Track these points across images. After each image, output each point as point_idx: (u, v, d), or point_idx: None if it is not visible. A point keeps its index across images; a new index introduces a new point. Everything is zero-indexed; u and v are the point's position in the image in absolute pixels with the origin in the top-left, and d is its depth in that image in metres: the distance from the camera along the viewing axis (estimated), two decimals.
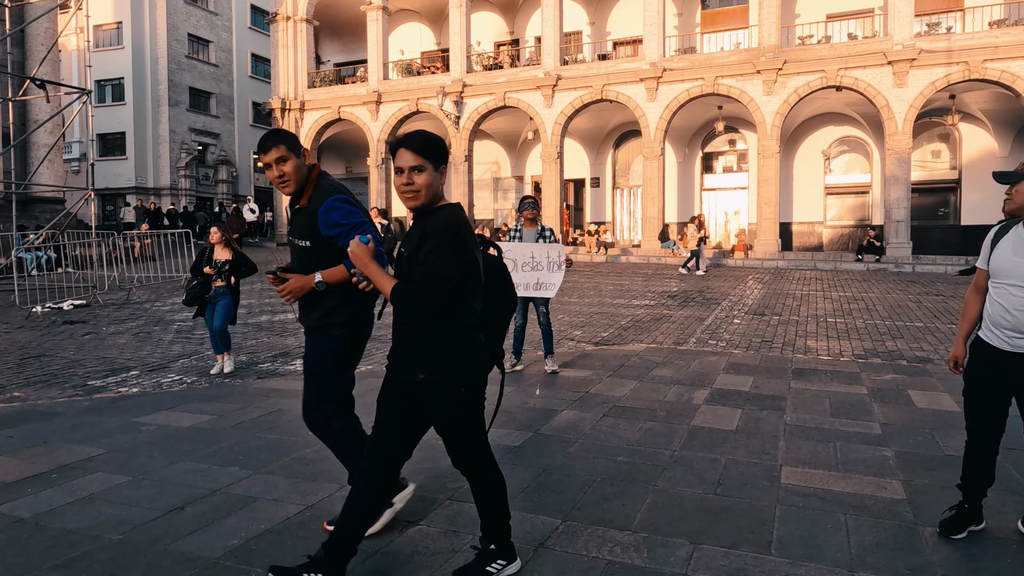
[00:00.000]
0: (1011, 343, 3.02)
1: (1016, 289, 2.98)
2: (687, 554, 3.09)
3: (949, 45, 19.01)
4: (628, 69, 22.32)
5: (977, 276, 3.28)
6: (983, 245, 3.21)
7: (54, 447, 4.69)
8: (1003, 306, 3.03)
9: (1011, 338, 3.02)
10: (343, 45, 31.28)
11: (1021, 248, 3.01)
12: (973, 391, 3.23)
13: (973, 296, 3.30)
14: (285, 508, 3.63)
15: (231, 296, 7.06)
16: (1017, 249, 3.02)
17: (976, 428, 3.23)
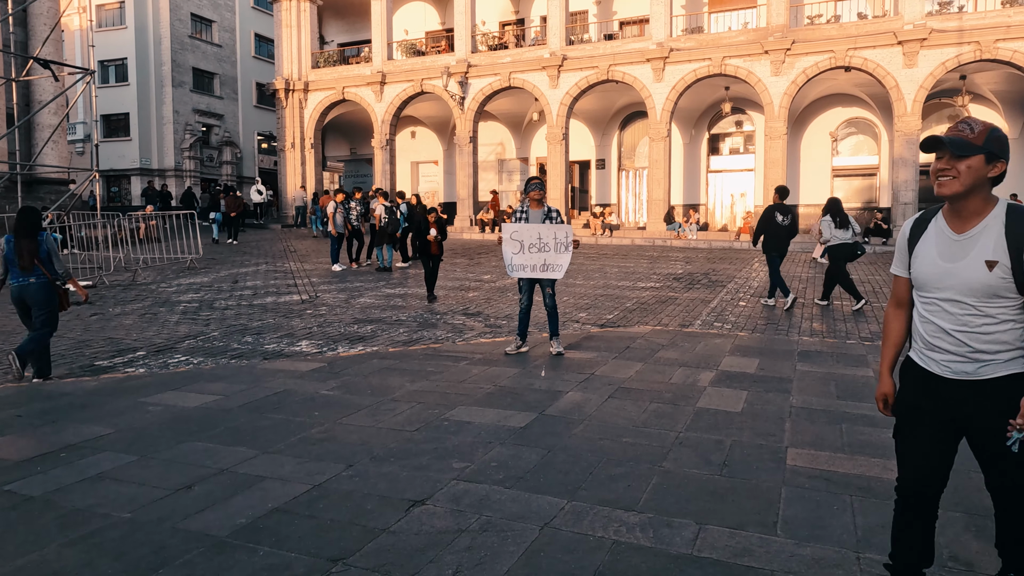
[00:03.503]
0: (953, 369, 2.31)
1: (953, 305, 2.27)
2: (693, 534, 3.10)
3: (960, 24, 18.74)
4: (634, 49, 22.09)
5: (896, 287, 2.52)
6: (897, 245, 2.49)
7: (62, 427, 4.72)
8: (939, 326, 2.32)
9: (953, 363, 2.31)
10: (347, 25, 31.02)
11: (949, 249, 2.28)
12: (906, 429, 2.45)
13: (894, 313, 2.54)
14: (292, 487, 3.65)
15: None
16: (944, 251, 2.29)
17: (910, 479, 2.45)
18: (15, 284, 6.05)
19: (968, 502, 3.42)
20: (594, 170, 27.20)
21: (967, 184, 2.22)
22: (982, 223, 2.24)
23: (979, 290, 2.21)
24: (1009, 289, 2.19)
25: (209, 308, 10.10)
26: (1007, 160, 2.25)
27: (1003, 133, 2.27)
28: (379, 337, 7.97)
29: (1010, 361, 2.25)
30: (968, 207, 2.26)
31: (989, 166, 2.23)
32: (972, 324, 2.26)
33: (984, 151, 2.21)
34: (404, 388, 5.61)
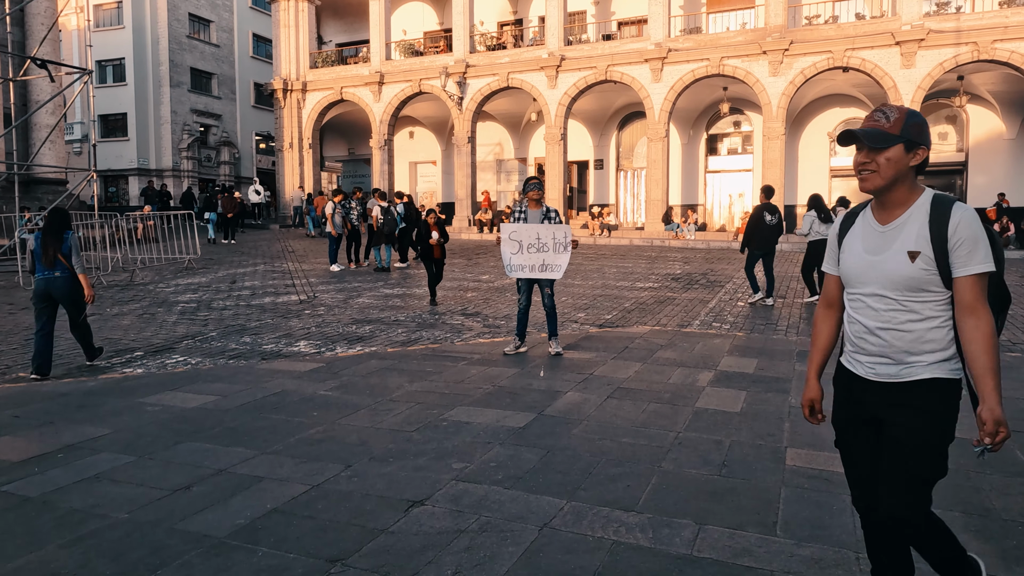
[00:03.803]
0: (878, 371, 2.17)
1: (877, 300, 2.14)
2: (692, 535, 3.09)
3: (958, 25, 18.77)
4: (633, 49, 22.10)
5: (827, 285, 2.38)
6: (828, 241, 2.36)
7: (60, 427, 4.70)
8: (864, 325, 2.17)
9: (878, 364, 2.16)
10: (345, 25, 31.01)
11: (874, 241, 2.16)
12: (845, 442, 2.32)
13: (824, 313, 2.39)
14: (291, 488, 3.64)
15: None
16: (869, 243, 2.17)
17: (859, 495, 2.31)
18: (40, 278, 6.41)
19: (967, 502, 3.42)
20: (592, 170, 27.20)
21: (888, 177, 2.11)
22: (906, 213, 2.12)
23: (901, 283, 2.09)
24: (933, 283, 2.07)
25: (207, 308, 10.08)
26: (928, 146, 2.13)
27: (921, 118, 2.13)
28: (377, 337, 7.96)
29: (934, 364, 2.11)
30: (892, 198, 2.15)
31: (909, 155, 2.10)
32: (896, 321, 2.12)
33: (902, 140, 2.08)
34: (403, 388, 5.60)
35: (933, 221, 2.07)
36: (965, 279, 2.04)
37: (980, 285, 2.04)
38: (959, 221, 2.04)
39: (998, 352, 2.02)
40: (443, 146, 29.45)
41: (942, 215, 2.06)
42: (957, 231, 2.04)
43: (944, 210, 2.07)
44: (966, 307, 2.04)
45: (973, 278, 2.03)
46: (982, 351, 2.01)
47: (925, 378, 2.11)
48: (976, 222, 2.04)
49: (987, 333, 2.02)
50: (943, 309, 2.09)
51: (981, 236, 2.04)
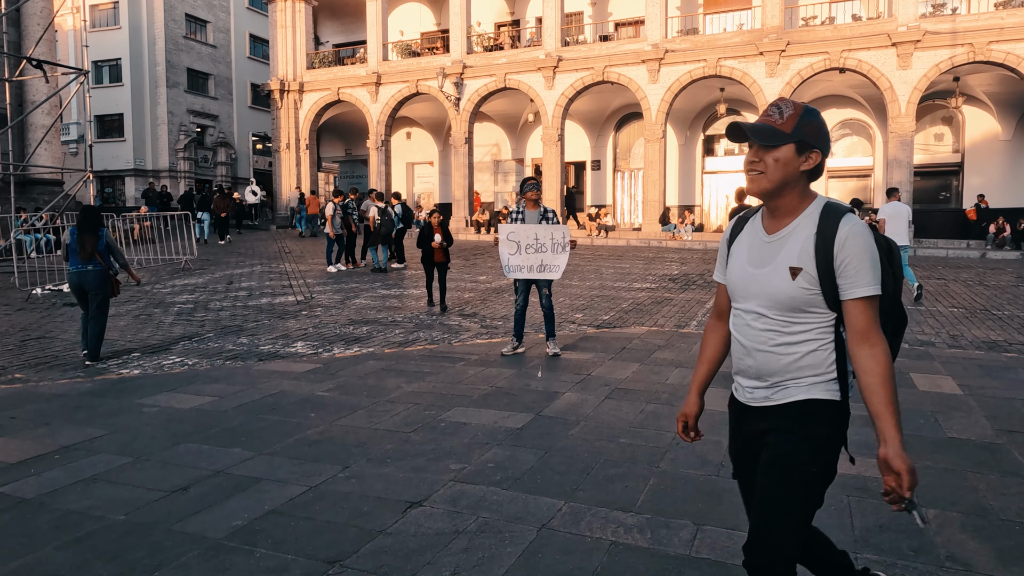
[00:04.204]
0: (755, 396, 1.96)
1: (755, 318, 1.90)
2: (691, 535, 3.09)
3: (954, 26, 18.83)
4: (630, 50, 22.12)
5: (717, 295, 2.17)
6: (720, 246, 2.13)
7: (56, 428, 4.69)
8: (742, 344, 1.95)
9: (756, 389, 1.95)
10: (342, 26, 30.98)
11: (759, 252, 1.91)
12: (739, 475, 2.11)
13: (712, 324, 2.17)
14: (289, 489, 3.63)
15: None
16: (754, 254, 1.92)
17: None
18: (74, 271, 6.84)
19: (965, 502, 3.42)
20: (589, 171, 27.22)
21: (775, 180, 1.84)
22: (793, 223, 1.87)
23: (782, 302, 1.84)
24: (815, 303, 1.82)
25: (204, 309, 10.06)
26: (824, 151, 1.87)
27: (819, 118, 1.88)
28: (375, 338, 7.95)
29: (813, 386, 1.88)
30: (781, 205, 1.89)
31: (801, 157, 1.84)
32: (771, 342, 1.87)
33: (793, 140, 1.83)
34: (400, 389, 5.59)
35: (820, 234, 1.81)
36: (855, 303, 1.79)
37: (873, 309, 1.79)
38: (847, 236, 1.78)
39: (894, 381, 1.79)
40: (440, 147, 29.44)
41: (829, 228, 1.80)
42: (844, 247, 1.78)
43: (832, 223, 1.80)
44: (858, 334, 1.79)
45: (864, 302, 1.78)
46: (879, 383, 1.77)
47: (798, 400, 1.89)
48: (866, 237, 1.79)
49: (884, 363, 1.78)
50: (825, 332, 1.85)
51: (872, 254, 1.79)
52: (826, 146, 1.88)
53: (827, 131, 1.90)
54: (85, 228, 6.84)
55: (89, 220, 6.92)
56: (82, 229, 6.84)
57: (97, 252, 6.81)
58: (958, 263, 16.48)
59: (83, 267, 6.80)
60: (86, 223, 6.88)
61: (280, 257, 17.51)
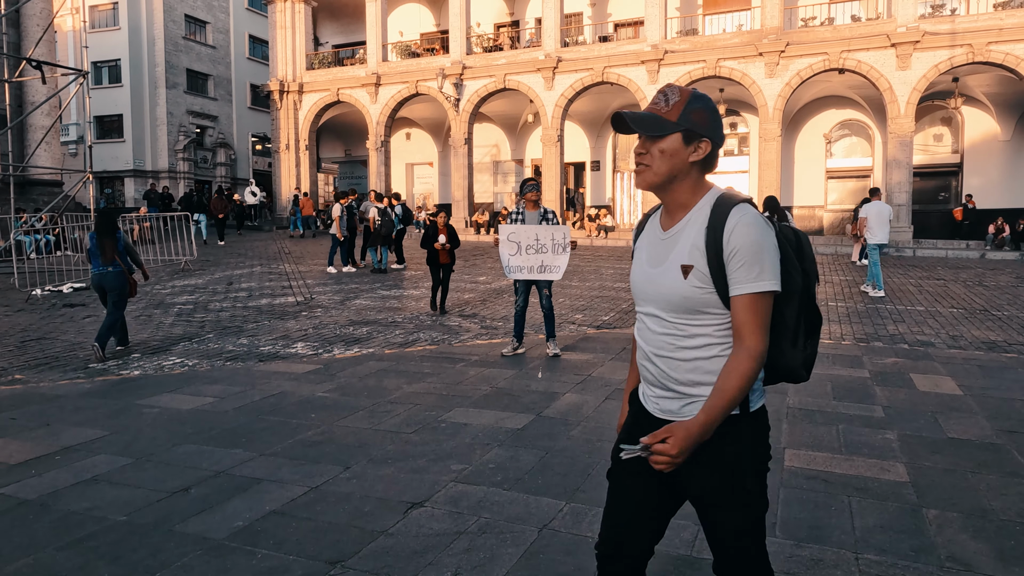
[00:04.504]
0: (661, 406, 1.81)
1: (653, 321, 1.78)
2: (691, 535, 3.10)
3: (953, 27, 18.85)
4: (629, 51, 22.14)
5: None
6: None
7: (57, 429, 4.69)
8: (643, 349, 1.83)
9: (660, 398, 1.80)
10: (342, 27, 31.00)
11: (655, 250, 1.79)
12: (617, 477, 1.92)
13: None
14: (290, 490, 3.63)
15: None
16: (651, 253, 1.80)
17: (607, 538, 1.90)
18: (96, 273, 7.15)
19: (965, 502, 3.43)
20: (589, 172, 27.23)
21: (663, 173, 1.72)
22: (685, 218, 1.74)
23: (677, 303, 1.71)
24: (710, 303, 1.68)
25: (204, 310, 10.06)
26: (714, 139, 1.73)
27: (708, 104, 1.74)
28: (375, 339, 7.95)
29: None
30: (673, 199, 1.77)
31: (689, 147, 1.71)
32: (671, 347, 1.74)
33: (680, 129, 1.70)
34: (401, 390, 5.59)
35: (710, 228, 1.68)
36: (736, 300, 1.65)
37: (753, 307, 1.63)
38: (734, 227, 1.64)
39: (745, 387, 1.62)
40: (440, 147, 29.45)
41: (719, 220, 1.67)
42: (731, 239, 1.64)
43: (722, 214, 1.67)
44: (735, 331, 1.66)
45: (746, 299, 1.63)
46: (726, 372, 1.64)
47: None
48: (757, 228, 1.64)
49: (743, 359, 1.62)
50: (725, 335, 1.71)
51: (761, 246, 1.63)
52: (716, 134, 1.74)
53: (718, 118, 1.76)
54: (104, 232, 7.12)
55: (107, 224, 7.20)
56: (101, 233, 7.12)
57: (116, 254, 7.12)
58: (957, 263, 16.49)
59: (104, 269, 7.10)
60: (104, 227, 7.16)
61: (279, 258, 17.51)
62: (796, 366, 1.78)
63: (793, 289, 1.72)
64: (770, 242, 1.66)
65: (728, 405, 1.63)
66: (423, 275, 13.94)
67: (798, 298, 1.74)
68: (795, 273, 1.72)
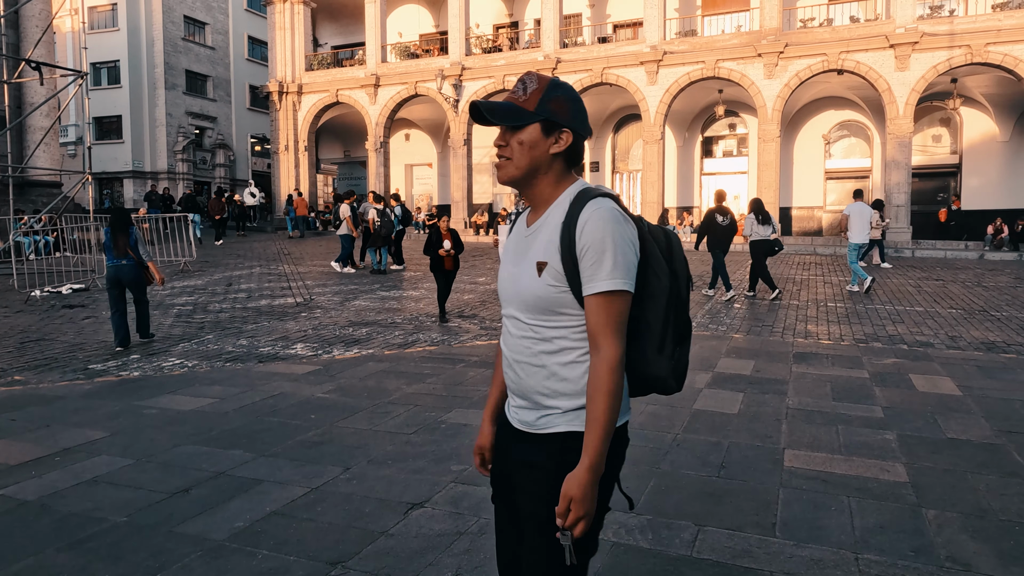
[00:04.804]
0: (519, 417, 1.67)
1: (513, 323, 1.66)
2: (692, 536, 3.10)
3: (951, 28, 18.87)
4: (628, 52, 22.16)
5: None
6: None
7: (57, 430, 4.69)
8: (504, 354, 1.71)
9: (520, 409, 1.67)
10: (341, 28, 31.00)
11: (518, 247, 1.68)
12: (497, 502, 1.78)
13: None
14: (290, 490, 3.63)
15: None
16: (516, 249, 1.69)
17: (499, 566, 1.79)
18: (111, 265, 7.63)
19: (964, 502, 3.44)
20: (588, 172, 27.23)
21: (523, 166, 1.61)
22: (546, 213, 1.64)
23: (532, 303, 1.60)
24: (565, 303, 1.57)
25: (203, 311, 10.05)
26: (577, 129, 1.62)
27: (568, 92, 1.64)
28: (374, 340, 7.95)
29: (572, 412, 1.59)
30: (536, 195, 1.66)
31: (549, 139, 1.60)
32: (528, 351, 1.62)
33: (538, 118, 1.59)
34: (400, 391, 5.60)
35: (566, 223, 1.57)
36: (589, 299, 1.53)
37: (607, 309, 1.51)
38: (586, 222, 1.53)
39: (615, 403, 1.50)
40: (439, 148, 29.46)
41: (574, 215, 1.56)
42: (583, 235, 1.52)
43: (577, 208, 1.56)
44: (590, 337, 1.54)
45: (599, 299, 1.51)
46: (591, 395, 1.51)
47: (559, 431, 1.59)
48: (610, 223, 1.52)
49: (602, 374, 1.50)
50: (582, 337, 1.58)
51: (613, 243, 1.51)
52: (579, 124, 1.63)
53: (580, 107, 1.64)
54: (118, 228, 7.61)
55: (121, 220, 7.71)
56: (115, 229, 7.61)
57: (129, 248, 7.61)
58: (956, 264, 16.51)
59: (118, 262, 7.60)
60: (118, 223, 7.65)
61: (279, 259, 17.50)
62: (664, 375, 1.63)
63: (657, 291, 1.60)
64: (624, 238, 1.54)
65: (607, 431, 1.49)
66: (422, 276, 13.95)
67: (664, 301, 1.61)
68: (661, 274, 1.61)
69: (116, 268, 7.61)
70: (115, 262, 7.61)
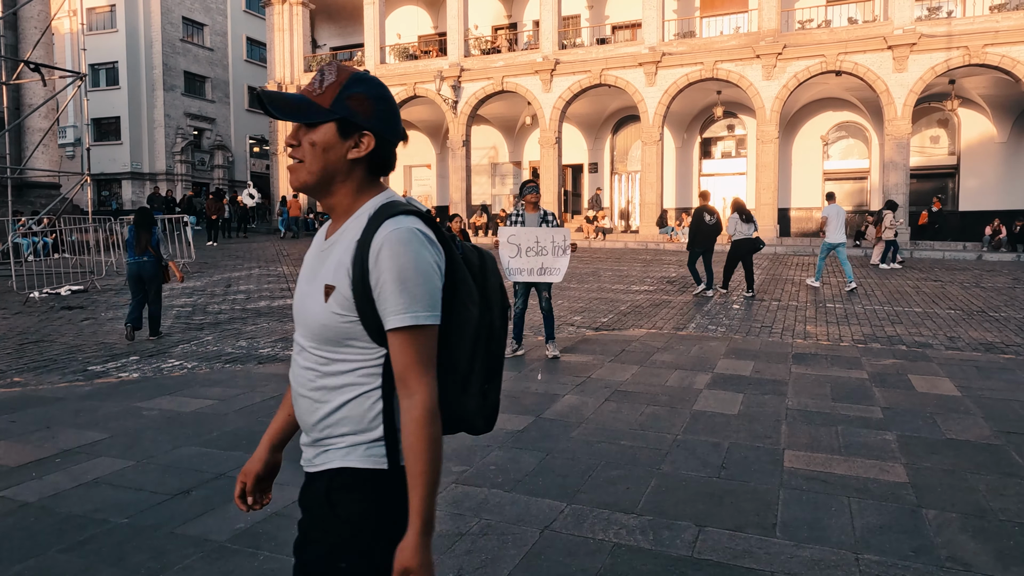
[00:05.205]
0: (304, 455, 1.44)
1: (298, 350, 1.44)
2: (692, 537, 3.11)
3: (949, 30, 18.91)
4: (627, 53, 22.18)
5: None
6: None
7: (57, 432, 4.68)
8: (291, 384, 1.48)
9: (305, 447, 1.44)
10: (339, 29, 31.01)
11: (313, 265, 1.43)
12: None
13: None
14: (291, 492, 3.60)
15: None
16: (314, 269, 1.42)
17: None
18: (132, 262, 8.01)
19: (964, 503, 3.44)
20: (587, 173, 27.26)
21: (316, 171, 1.38)
22: (343, 227, 1.40)
23: (317, 331, 1.37)
24: (353, 334, 1.34)
25: (203, 312, 10.05)
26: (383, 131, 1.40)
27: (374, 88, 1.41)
28: None
29: (353, 448, 1.37)
30: (335, 205, 1.43)
31: (347, 141, 1.38)
32: (311, 384, 1.40)
33: (334, 117, 1.37)
34: None
35: (361, 242, 1.33)
36: (390, 336, 1.32)
37: (412, 345, 1.30)
38: (381, 244, 1.30)
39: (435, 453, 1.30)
40: (438, 149, 29.47)
41: (370, 234, 1.33)
42: (379, 261, 1.30)
43: (374, 226, 1.33)
44: (396, 378, 1.33)
45: (400, 336, 1.30)
46: (409, 446, 1.30)
47: (335, 467, 1.37)
48: (409, 247, 1.30)
49: (417, 419, 1.29)
50: (370, 374, 1.36)
51: (413, 270, 1.30)
52: (385, 126, 1.41)
53: (387, 106, 1.41)
54: (141, 225, 8.01)
55: (145, 219, 8.10)
56: (138, 226, 8.00)
57: (151, 246, 7.98)
58: (955, 265, 16.53)
59: (139, 259, 7.95)
60: (142, 221, 8.06)
61: (278, 260, 17.50)
62: (468, 415, 1.44)
63: (465, 322, 1.40)
64: (424, 263, 1.31)
65: (432, 486, 1.30)
66: None
67: (472, 333, 1.41)
68: (470, 303, 1.41)
69: (137, 265, 7.96)
70: (136, 259, 7.95)
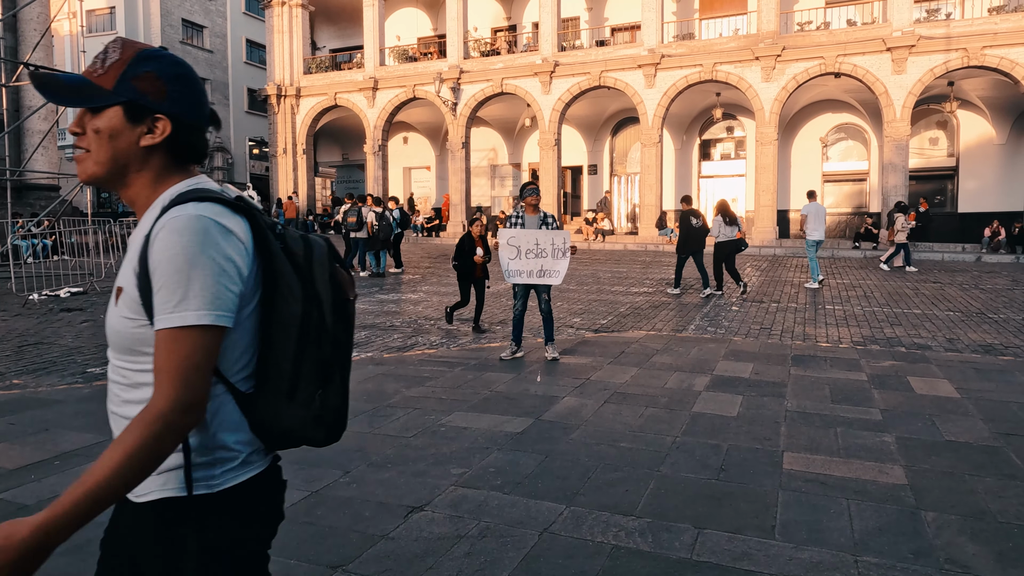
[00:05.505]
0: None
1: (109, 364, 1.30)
2: (692, 539, 3.11)
3: (948, 31, 18.94)
4: (626, 55, 22.21)
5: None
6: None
7: (56, 434, 4.68)
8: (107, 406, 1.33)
9: None
10: (339, 31, 31.04)
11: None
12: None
13: None
14: (290, 494, 3.60)
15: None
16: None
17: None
18: None
19: (963, 505, 3.44)
20: (586, 175, 27.28)
21: (103, 161, 1.23)
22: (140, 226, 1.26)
23: (113, 339, 1.25)
24: (146, 340, 1.20)
25: None
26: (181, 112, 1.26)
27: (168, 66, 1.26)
28: (373, 343, 7.96)
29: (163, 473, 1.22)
30: (134, 198, 1.29)
31: (137, 127, 1.23)
32: (117, 401, 1.27)
33: (118, 100, 1.22)
34: (400, 394, 5.60)
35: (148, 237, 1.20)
36: (156, 335, 1.17)
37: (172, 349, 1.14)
38: (156, 235, 1.17)
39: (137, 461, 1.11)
40: (437, 151, 29.49)
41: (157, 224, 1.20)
42: (153, 251, 1.17)
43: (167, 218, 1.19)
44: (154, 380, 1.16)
45: (163, 335, 1.15)
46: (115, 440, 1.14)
47: (151, 500, 1.23)
48: (189, 236, 1.15)
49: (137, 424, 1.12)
50: None
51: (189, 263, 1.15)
52: (185, 108, 1.26)
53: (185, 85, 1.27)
54: None
55: None
56: None
57: None
58: (954, 266, 16.54)
59: None
60: None
61: None
62: (296, 427, 1.27)
63: (287, 320, 1.25)
64: (209, 256, 1.15)
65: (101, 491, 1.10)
66: (421, 279, 13.97)
67: (296, 333, 1.26)
68: (291, 299, 1.26)
69: None
70: None
